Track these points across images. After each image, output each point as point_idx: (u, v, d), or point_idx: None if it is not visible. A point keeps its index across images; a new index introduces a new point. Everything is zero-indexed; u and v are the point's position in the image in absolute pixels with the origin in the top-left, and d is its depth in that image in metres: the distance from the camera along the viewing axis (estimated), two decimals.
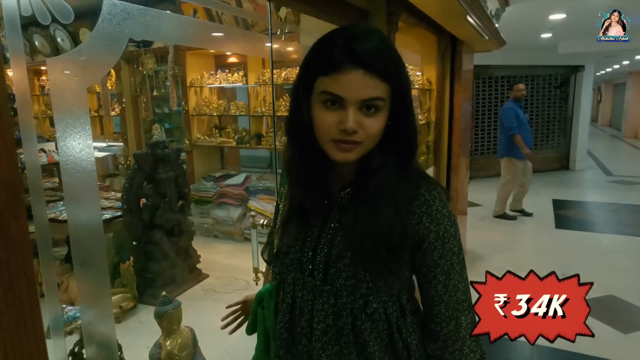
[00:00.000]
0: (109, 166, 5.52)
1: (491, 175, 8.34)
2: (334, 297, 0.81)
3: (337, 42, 0.72)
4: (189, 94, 4.88)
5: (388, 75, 0.73)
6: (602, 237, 4.80)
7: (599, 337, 2.80)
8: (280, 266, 0.88)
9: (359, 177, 0.81)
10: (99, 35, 0.88)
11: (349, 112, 0.71)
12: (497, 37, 3.52)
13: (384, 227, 0.76)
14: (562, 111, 8.92)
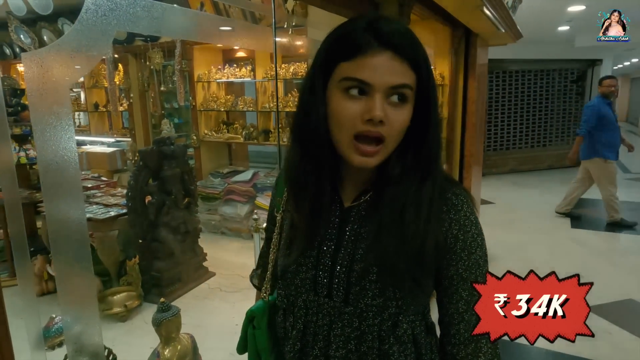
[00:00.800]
0: (117, 162, 5.49)
1: (504, 172, 8.18)
2: (358, 319, 0.71)
3: (361, 25, 0.65)
4: (196, 89, 4.82)
5: (417, 62, 0.66)
6: (621, 237, 4.65)
7: (616, 342, 2.68)
8: (288, 288, 0.77)
9: (379, 183, 0.73)
10: (82, 28, 0.80)
11: (376, 98, 0.63)
12: (513, 30, 3.38)
13: (415, 241, 0.68)
14: (579, 106, 8.68)
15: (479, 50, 3.37)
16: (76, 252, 0.94)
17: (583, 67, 8.47)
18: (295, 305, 0.76)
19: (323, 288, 0.73)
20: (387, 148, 0.68)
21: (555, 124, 8.63)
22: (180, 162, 3.43)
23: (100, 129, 6.00)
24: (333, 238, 0.74)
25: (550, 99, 8.49)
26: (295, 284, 0.75)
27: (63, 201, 0.86)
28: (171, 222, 3.34)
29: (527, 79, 8.29)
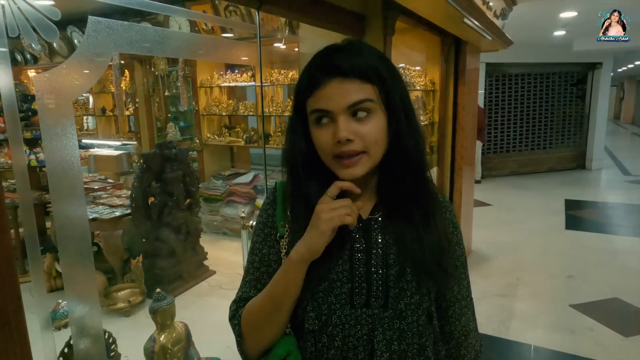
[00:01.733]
0: (124, 164, 5.67)
1: (504, 175, 8.26)
2: (399, 319, 0.76)
3: (316, 62, 0.74)
4: (199, 94, 4.98)
5: (366, 75, 0.71)
6: (613, 238, 4.73)
7: (597, 338, 2.79)
8: (319, 308, 0.75)
9: (384, 191, 0.79)
10: (83, 51, 0.95)
11: (339, 121, 0.70)
12: (501, 37, 3.49)
13: (433, 238, 0.77)
14: (579, 109, 8.74)
15: (468, 56, 3.49)
16: (79, 246, 1.08)
17: (583, 70, 8.53)
18: (329, 324, 0.75)
19: (361, 298, 0.76)
20: (370, 156, 0.73)
21: (555, 127, 8.69)
22: (181, 164, 3.58)
23: (107, 133, 6.20)
24: (362, 249, 0.77)
25: (551, 102, 8.56)
26: (329, 301, 0.75)
27: (67, 200, 1.00)
28: (173, 222, 3.49)
29: (527, 82, 8.36)
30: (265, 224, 0.83)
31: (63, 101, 0.92)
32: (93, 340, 1.19)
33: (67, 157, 0.94)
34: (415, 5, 2.25)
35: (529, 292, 3.48)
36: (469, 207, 4.10)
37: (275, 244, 0.82)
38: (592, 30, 6.04)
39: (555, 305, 3.27)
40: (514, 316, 3.09)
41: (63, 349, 1.25)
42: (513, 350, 2.71)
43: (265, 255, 0.82)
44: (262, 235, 0.83)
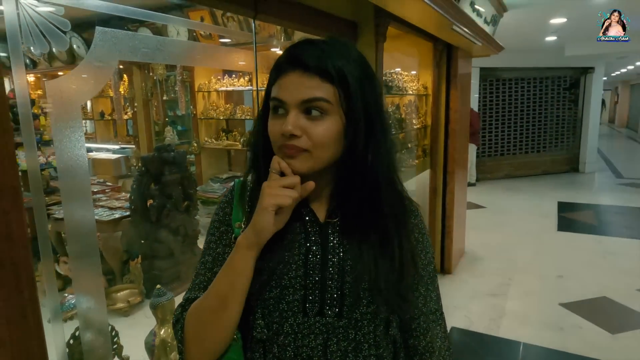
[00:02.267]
0: (122, 168, 5.73)
1: (498, 178, 8.36)
2: (354, 330, 0.72)
3: (287, 50, 0.71)
4: (197, 98, 5.06)
5: (328, 74, 0.67)
6: (604, 239, 4.82)
7: (587, 337, 2.86)
8: (270, 316, 0.72)
9: (342, 197, 0.74)
10: (91, 59, 1.03)
11: (290, 115, 0.67)
12: (492, 43, 3.59)
13: (392, 269, 0.72)
14: (572, 113, 8.87)
15: (460, 61, 3.58)
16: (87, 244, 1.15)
17: (576, 74, 8.66)
18: (280, 333, 0.71)
19: (314, 306, 0.71)
20: (315, 155, 0.69)
21: (549, 131, 8.81)
22: (180, 167, 3.66)
23: (105, 137, 6.27)
24: (317, 254, 0.73)
25: (544, 106, 8.68)
26: (281, 309, 0.71)
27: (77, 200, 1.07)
28: (171, 224, 3.56)
29: (521, 87, 8.49)
30: (222, 222, 0.78)
31: (73, 106, 1.00)
32: (98, 332, 1.26)
33: (76, 159, 1.01)
34: (405, 13, 2.34)
35: (520, 291, 3.56)
36: (461, 209, 4.18)
37: (231, 243, 0.76)
38: (583, 36, 6.18)
39: (546, 304, 3.35)
40: (505, 315, 3.16)
41: (69, 340, 1.32)
42: (503, 348, 2.78)
43: (219, 254, 0.76)
44: (217, 233, 0.78)
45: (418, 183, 3.76)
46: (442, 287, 0.85)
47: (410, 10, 2.24)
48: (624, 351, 2.69)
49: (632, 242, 4.70)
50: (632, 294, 3.44)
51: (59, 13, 0.96)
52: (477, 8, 3.06)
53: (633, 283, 3.63)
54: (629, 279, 3.73)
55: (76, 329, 1.33)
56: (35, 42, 0.96)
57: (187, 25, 1.89)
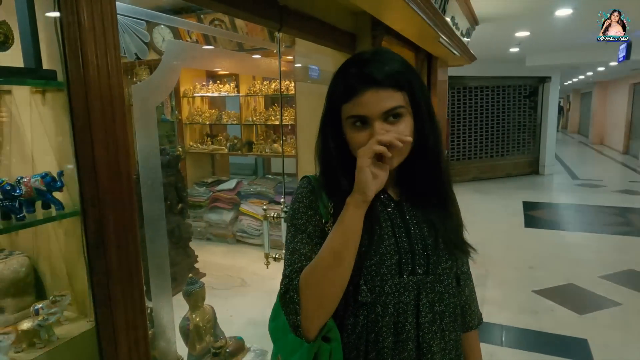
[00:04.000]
0: None
1: (467, 180, 8.82)
2: (439, 283, 0.87)
3: (351, 72, 0.83)
4: (182, 104, 5.13)
5: (398, 84, 0.80)
6: (566, 234, 5.26)
7: (558, 318, 3.19)
8: (372, 280, 0.84)
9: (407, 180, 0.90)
10: (163, 67, 1.18)
11: (375, 125, 0.79)
12: (467, 54, 3.91)
13: (453, 222, 0.91)
14: (532, 119, 9.49)
15: (439, 70, 3.88)
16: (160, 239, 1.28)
17: (535, 83, 9.29)
18: (382, 294, 0.83)
19: (407, 267, 0.85)
20: (402, 152, 0.82)
21: (512, 136, 9.38)
22: (174, 171, 3.74)
23: None
24: (401, 225, 0.88)
25: (507, 113, 9.25)
26: (382, 273, 0.83)
27: (154, 191, 1.21)
28: (166, 226, 3.62)
29: (486, 94, 9.02)
30: (309, 207, 0.87)
31: (151, 107, 1.14)
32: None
33: (154, 155, 1.16)
34: (399, 25, 2.57)
35: (496, 281, 3.87)
36: None
37: (319, 223, 0.86)
38: (542, 48, 6.71)
39: (520, 291, 3.67)
40: (485, 302, 3.45)
41: None
42: (486, 331, 3.05)
43: (311, 232, 0.86)
44: (305, 217, 0.87)
45: None
46: None
47: (404, 21, 2.48)
48: (591, 328, 3.02)
49: (590, 235, 5.16)
50: (595, 280, 3.82)
51: (143, 27, 1.11)
52: (457, 22, 3.36)
53: (595, 271, 4.02)
54: (590, 267, 4.12)
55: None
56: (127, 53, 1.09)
57: (202, 30, 2.00)
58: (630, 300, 3.43)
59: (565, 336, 2.93)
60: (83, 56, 0.82)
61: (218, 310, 3.44)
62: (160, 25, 3.03)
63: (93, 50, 0.83)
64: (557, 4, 3.73)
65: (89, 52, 0.83)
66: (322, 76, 2.53)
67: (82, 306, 0.97)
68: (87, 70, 0.82)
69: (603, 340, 2.86)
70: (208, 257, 4.34)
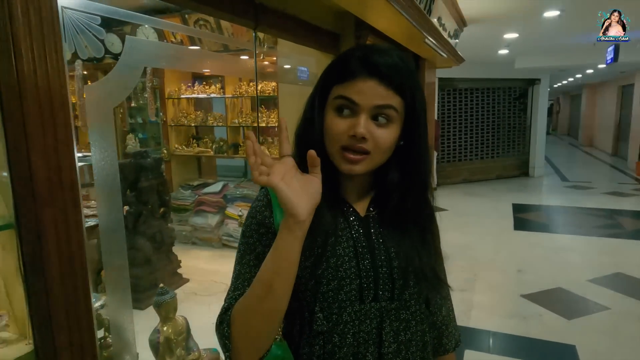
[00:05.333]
0: (85, 176, 5.56)
1: (457, 182, 8.80)
2: (404, 310, 0.79)
3: (355, 54, 0.74)
4: (167, 105, 5.03)
5: (402, 89, 0.73)
6: (555, 237, 5.24)
7: (546, 323, 3.14)
8: (329, 308, 0.75)
9: (383, 191, 0.81)
10: (122, 66, 1.10)
11: (361, 117, 0.71)
12: (455, 56, 3.87)
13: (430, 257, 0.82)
14: (522, 121, 9.51)
15: (426, 71, 3.84)
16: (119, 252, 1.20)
17: (524, 85, 9.31)
18: (340, 322, 0.76)
19: (369, 293, 0.76)
20: (373, 160, 0.74)
21: (502, 138, 9.39)
22: (156, 174, 3.64)
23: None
24: (364, 245, 0.78)
25: (497, 115, 9.26)
26: (340, 299, 0.75)
27: (111, 200, 1.13)
28: (148, 230, 3.53)
29: (476, 96, 9.01)
30: (260, 224, 0.78)
31: (106, 109, 1.06)
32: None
33: (110, 161, 1.08)
34: (383, 25, 2.52)
35: (485, 285, 3.83)
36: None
37: (270, 243, 0.72)
38: (531, 50, 6.71)
39: (508, 295, 3.63)
40: (473, 307, 3.39)
41: None
42: (474, 337, 2.99)
43: (260, 253, 0.76)
44: (256, 235, 0.78)
45: None
46: None
47: (388, 22, 2.42)
48: (579, 333, 2.98)
49: (579, 238, 5.14)
50: (583, 284, 3.79)
51: (97, 23, 1.03)
52: (443, 23, 3.31)
53: (583, 274, 3.99)
54: (579, 271, 4.09)
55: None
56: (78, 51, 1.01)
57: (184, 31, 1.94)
58: (618, 304, 3.40)
59: (554, 342, 2.88)
60: (16, 53, 0.74)
61: (200, 317, 3.34)
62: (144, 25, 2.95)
63: (29, 47, 0.75)
64: (545, 5, 3.71)
65: (23, 49, 0.75)
66: (304, 77, 2.46)
67: (23, 327, 0.88)
68: (21, 69, 0.75)
69: (592, 345, 2.82)
70: (192, 262, 4.24)
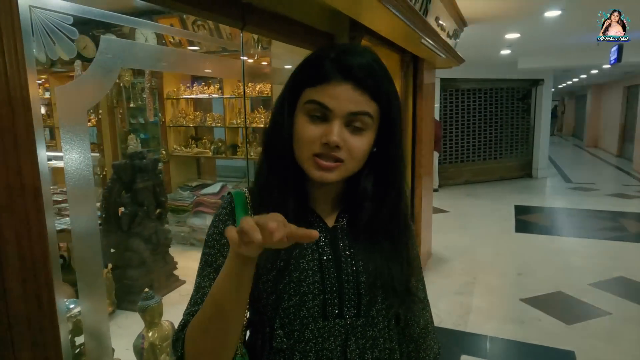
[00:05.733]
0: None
1: (459, 184, 8.74)
2: (371, 327, 0.75)
3: (329, 55, 0.70)
4: (165, 106, 5.02)
5: (378, 94, 0.70)
6: (557, 239, 5.17)
7: (545, 328, 3.08)
8: (291, 324, 0.72)
9: (355, 201, 0.77)
10: (96, 67, 1.07)
11: (334, 124, 0.67)
12: (454, 56, 3.82)
13: (402, 272, 0.77)
14: (525, 122, 9.43)
15: (425, 72, 3.79)
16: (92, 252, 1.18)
17: (528, 86, 9.23)
18: (301, 340, 0.72)
19: (334, 309, 0.73)
20: (347, 167, 0.70)
21: (505, 139, 9.31)
22: (152, 175, 3.63)
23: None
24: (331, 258, 0.74)
25: (500, 116, 9.19)
26: (301, 316, 0.71)
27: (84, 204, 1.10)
28: (143, 232, 3.51)
29: (479, 97, 8.95)
30: (222, 234, 0.74)
31: (79, 111, 1.03)
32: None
33: (83, 164, 1.05)
34: (378, 26, 2.48)
35: (484, 289, 3.77)
36: (428, 214, 4.37)
37: (224, 251, 0.73)
38: (534, 50, 6.64)
39: (507, 299, 3.57)
40: (471, 311, 3.34)
41: None
42: (471, 342, 2.95)
43: (220, 265, 0.69)
44: (218, 246, 0.75)
45: None
46: None
47: (382, 22, 2.38)
48: (579, 339, 2.92)
49: (581, 240, 5.07)
50: (584, 288, 3.73)
51: (68, 22, 1.00)
52: (441, 23, 3.27)
53: (584, 278, 3.92)
54: (580, 274, 4.03)
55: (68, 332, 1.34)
56: (47, 50, 0.98)
57: (169, 32, 1.94)
58: (620, 309, 3.34)
59: (552, 348, 2.83)
60: None
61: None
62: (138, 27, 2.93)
63: None
64: (545, 5, 3.65)
65: None
66: None
67: None
68: None
69: (591, 351, 2.77)
70: (189, 263, 4.21)
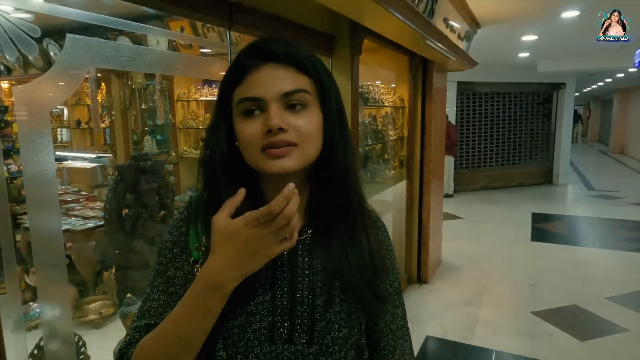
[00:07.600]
0: (98, 177, 5.64)
1: (476, 189, 8.53)
2: (324, 356, 0.67)
3: (244, 50, 0.67)
4: (176, 108, 5.05)
5: (303, 65, 0.65)
6: (575, 249, 4.96)
7: (557, 344, 2.93)
8: (234, 346, 0.65)
9: (314, 208, 0.71)
10: (61, 66, 1.03)
11: (271, 109, 0.62)
12: (465, 58, 3.71)
13: (364, 261, 0.70)
14: (545, 127, 9.15)
15: (435, 75, 3.68)
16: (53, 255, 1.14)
17: (549, 90, 8.96)
18: None
19: (282, 333, 0.66)
20: (303, 150, 0.64)
21: (524, 144, 9.05)
22: (157, 176, 3.62)
23: (82, 145, 6.17)
24: (286, 276, 0.68)
25: (519, 120, 8.94)
26: (246, 337, 0.65)
27: (43, 210, 1.06)
28: (147, 233, 3.50)
29: (497, 101, 8.73)
30: (175, 243, 0.70)
31: (40, 112, 1.00)
32: (64, 342, 1.24)
33: (44, 166, 1.01)
34: (379, 27, 2.40)
35: (494, 300, 3.63)
36: (437, 219, 4.25)
37: (184, 266, 0.69)
38: (554, 53, 6.42)
39: (518, 312, 3.42)
40: (478, 323, 3.21)
41: (33, 350, 1.29)
42: (476, 356, 2.82)
43: (170, 277, 0.68)
44: (170, 255, 0.70)
45: (395, 193, 3.81)
46: (418, 297, 0.86)
47: (384, 24, 2.31)
48: (593, 357, 2.76)
49: (601, 251, 4.85)
50: (601, 302, 3.54)
51: (29, 20, 0.96)
52: (451, 24, 3.16)
53: (602, 291, 3.74)
54: (598, 287, 3.84)
55: (40, 339, 1.31)
56: (4, 49, 0.96)
57: (165, 35, 1.93)
58: (638, 326, 3.15)
59: None
60: None
61: None
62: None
63: None
64: (562, 5, 3.51)
65: None
66: None
67: None
68: None
69: None
70: None
